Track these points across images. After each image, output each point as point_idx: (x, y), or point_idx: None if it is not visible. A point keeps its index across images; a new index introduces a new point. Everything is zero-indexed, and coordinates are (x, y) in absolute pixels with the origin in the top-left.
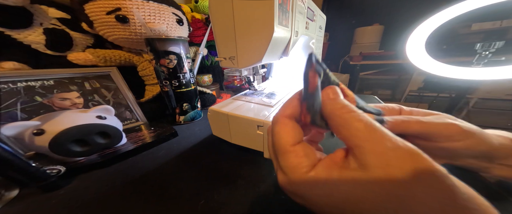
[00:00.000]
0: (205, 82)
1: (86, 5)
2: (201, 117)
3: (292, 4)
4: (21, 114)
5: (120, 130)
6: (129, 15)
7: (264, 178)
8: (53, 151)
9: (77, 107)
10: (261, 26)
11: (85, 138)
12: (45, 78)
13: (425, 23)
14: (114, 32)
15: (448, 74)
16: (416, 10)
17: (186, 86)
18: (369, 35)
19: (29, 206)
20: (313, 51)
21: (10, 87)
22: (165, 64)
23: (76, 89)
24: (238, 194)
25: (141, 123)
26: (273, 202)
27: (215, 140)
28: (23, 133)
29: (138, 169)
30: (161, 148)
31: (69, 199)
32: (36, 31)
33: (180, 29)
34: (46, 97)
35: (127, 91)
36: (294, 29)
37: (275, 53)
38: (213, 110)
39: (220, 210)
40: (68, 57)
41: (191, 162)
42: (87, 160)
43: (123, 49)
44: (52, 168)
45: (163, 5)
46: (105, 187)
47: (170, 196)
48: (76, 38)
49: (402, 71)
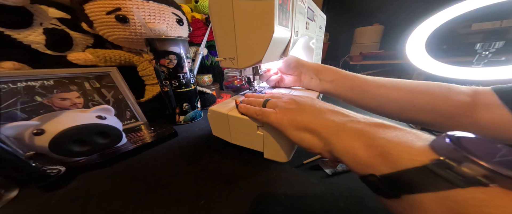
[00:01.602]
0: (205, 82)
1: (86, 5)
2: (201, 117)
3: (292, 4)
4: (21, 114)
5: (120, 130)
6: (129, 15)
7: (264, 178)
8: (53, 151)
9: (77, 107)
10: (261, 26)
11: (85, 138)
12: (45, 78)
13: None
14: (114, 32)
15: (448, 74)
16: (416, 10)
17: (186, 86)
18: (369, 35)
19: (29, 206)
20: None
21: (10, 87)
22: (165, 64)
23: (76, 89)
24: (238, 194)
25: (141, 123)
26: (273, 202)
27: (215, 140)
28: (23, 133)
29: (138, 169)
30: (161, 148)
31: (69, 199)
32: (36, 31)
33: (180, 29)
34: (46, 97)
35: (127, 91)
36: (294, 29)
37: (275, 53)
38: (213, 110)
39: (220, 210)
40: (68, 57)
41: (191, 162)
42: (87, 160)
43: (123, 49)
44: (52, 168)
45: (163, 5)
46: (105, 187)
47: (170, 196)
48: (76, 38)
49: (402, 71)
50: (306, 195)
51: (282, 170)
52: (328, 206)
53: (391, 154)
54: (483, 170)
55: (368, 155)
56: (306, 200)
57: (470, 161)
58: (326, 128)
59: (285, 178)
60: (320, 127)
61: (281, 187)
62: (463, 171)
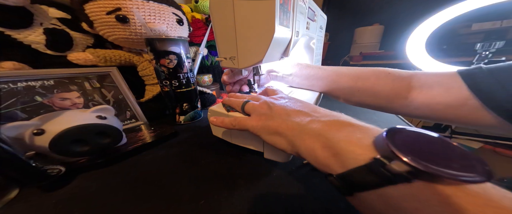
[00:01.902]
0: (205, 82)
1: (86, 5)
2: (201, 117)
3: (293, 4)
4: (21, 114)
5: (120, 130)
6: (129, 15)
7: (264, 178)
8: (53, 151)
9: (77, 107)
10: (262, 26)
11: (85, 138)
12: (45, 78)
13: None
14: (114, 32)
15: None
16: (416, 10)
17: (186, 86)
18: (369, 35)
19: (29, 206)
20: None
21: (10, 87)
22: (165, 64)
23: (76, 89)
24: (238, 194)
25: (141, 123)
26: (273, 202)
27: (215, 140)
28: (23, 133)
29: (138, 169)
30: (161, 148)
31: (69, 199)
32: (36, 31)
33: (180, 29)
34: (46, 97)
35: (127, 91)
36: (295, 29)
37: (275, 53)
38: (213, 110)
39: (220, 210)
40: (68, 57)
41: (191, 162)
42: (87, 160)
43: (123, 49)
44: (52, 168)
45: (163, 5)
46: (105, 187)
47: (170, 196)
48: (76, 38)
49: None
50: (306, 195)
51: (282, 170)
52: (328, 206)
53: (341, 154)
54: (406, 166)
55: (325, 155)
56: (306, 200)
57: (396, 157)
58: (291, 131)
59: (285, 178)
60: (286, 130)
61: (281, 187)
62: (392, 168)
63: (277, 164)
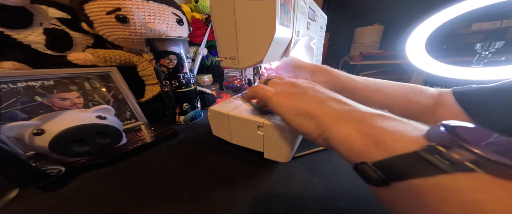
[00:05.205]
0: (205, 82)
1: (86, 5)
2: (201, 117)
3: (294, 4)
4: (21, 114)
5: (120, 130)
6: (129, 15)
7: (264, 178)
8: (53, 151)
9: (77, 107)
10: (263, 26)
11: (85, 138)
12: (45, 78)
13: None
14: (114, 32)
15: (448, 74)
16: (416, 10)
17: (186, 86)
18: (369, 35)
19: (29, 206)
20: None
21: (10, 87)
22: (165, 64)
23: (76, 89)
24: (238, 194)
25: (141, 123)
26: (273, 202)
27: (215, 140)
28: (23, 133)
29: (138, 169)
30: (161, 148)
31: (69, 199)
32: (36, 31)
33: (180, 29)
34: (46, 97)
35: (127, 91)
36: (295, 29)
37: (276, 53)
38: (213, 110)
39: (220, 210)
40: (68, 57)
41: (191, 162)
42: (87, 160)
43: (123, 49)
44: (52, 168)
45: (163, 5)
46: (105, 187)
47: (170, 196)
48: (76, 38)
49: (402, 71)
50: (306, 195)
51: (282, 170)
52: (328, 206)
53: (385, 142)
54: (471, 155)
55: (364, 143)
56: (306, 200)
57: (460, 146)
58: (328, 116)
59: (285, 178)
60: (322, 115)
61: (281, 187)
62: (451, 156)
63: (277, 164)
